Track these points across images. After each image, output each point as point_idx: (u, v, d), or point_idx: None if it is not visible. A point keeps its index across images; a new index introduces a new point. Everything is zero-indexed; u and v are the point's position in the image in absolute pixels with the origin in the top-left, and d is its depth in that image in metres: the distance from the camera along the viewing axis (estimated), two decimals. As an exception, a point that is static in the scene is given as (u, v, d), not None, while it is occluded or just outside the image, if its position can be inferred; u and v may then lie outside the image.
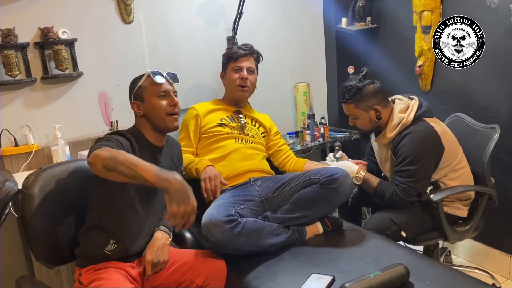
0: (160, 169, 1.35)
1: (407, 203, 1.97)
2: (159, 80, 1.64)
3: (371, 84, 2.04)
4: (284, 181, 1.96)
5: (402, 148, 1.97)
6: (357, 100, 2.04)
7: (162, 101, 1.65)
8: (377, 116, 2.04)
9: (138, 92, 1.68)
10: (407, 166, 1.95)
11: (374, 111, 2.04)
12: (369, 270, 1.41)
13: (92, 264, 1.53)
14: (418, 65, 2.65)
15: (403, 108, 2.04)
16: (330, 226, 1.88)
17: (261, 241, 1.68)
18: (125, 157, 1.35)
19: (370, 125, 2.09)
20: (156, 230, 1.70)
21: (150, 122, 1.67)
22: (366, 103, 2.04)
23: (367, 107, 2.04)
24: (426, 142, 1.96)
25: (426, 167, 1.97)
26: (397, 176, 1.98)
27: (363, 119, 2.07)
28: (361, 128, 2.13)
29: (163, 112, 1.65)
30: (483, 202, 2.08)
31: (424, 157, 1.95)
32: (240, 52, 2.21)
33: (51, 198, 1.66)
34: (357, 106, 2.05)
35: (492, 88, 2.35)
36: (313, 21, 3.09)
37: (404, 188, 1.95)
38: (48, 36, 2.17)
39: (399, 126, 2.00)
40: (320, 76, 3.19)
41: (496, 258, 2.49)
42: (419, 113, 2.01)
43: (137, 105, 1.68)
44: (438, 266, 1.57)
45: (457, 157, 2.04)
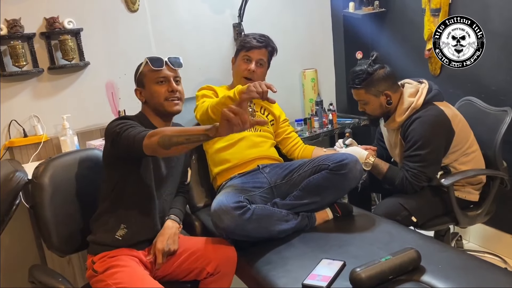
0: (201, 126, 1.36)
1: (417, 189, 1.95)
2: (156, 66, 1.63)
3: (381, 69, 2.01)
4: (293, 167, 1.94)
5: (411, 132, 1.95)
6: (367, 85, 2.01)
7: (160, 87, 1.64)
8: (388, 101, 2.02)
9: (139, 78, 1.69)
10: (417, 150, 1.92)
11: (384, 96, 2.01)
12: (380, 255, 1.40)
13: (105, 251, 1.54)
14: (427, 49, 2.61)
15: (412, 92, 2.01)
16: (339, 212, 1.87)
17: (270, 227, 1.68)
18: (171, 131, 1.36)
19: (380, 110, 2.06)
20: (167, 219, 1.70)
21: (152, 108, 1.68)
22: (377, 88, 2.01)
23: (378, 92, 2.01)
24: (436, 126, 1.93)
25: (436, 151, 1.94)
26: (407, 161, 1.96)
27: (373, 104, 2.05)
28: (370, 113, 2.10)
29: (162, 98, 1.64)
30: (494, 186, 2.06)
31: (434, 142, 1.92)
32: (253, 43, 2.15)
33: (61, 187, 1.67)
34: (367, 92, 2.02)
35: (504, 70, 2.31)
36: (320, 6, 3.05)
37: (414, 173, 1.93)
38: (54, 26, 2.17)
39: (409, 110, 1.97)
40: (328, 62, 3.16)
41: (508, 243, 2.47)
42: (429, 96, 1.98)
43: (140, 92, 1.70)
44: (450, 250, 1.56)
45: (468, 141, 2.02)
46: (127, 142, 1.44)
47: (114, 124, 1.52)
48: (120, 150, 1.49)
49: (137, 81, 1.71)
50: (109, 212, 1.59)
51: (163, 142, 1.34)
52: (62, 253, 1.72)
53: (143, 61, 1.68)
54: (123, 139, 1.45)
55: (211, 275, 1.64)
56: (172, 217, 1.71)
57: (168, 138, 1.34)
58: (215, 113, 1.92)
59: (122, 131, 1.47)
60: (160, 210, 1.67)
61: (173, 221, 1.70)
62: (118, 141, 1.47)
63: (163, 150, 1.36)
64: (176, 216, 1.73)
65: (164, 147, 1.35)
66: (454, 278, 1.33)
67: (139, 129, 1.47)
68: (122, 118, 1.58)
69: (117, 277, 1.45)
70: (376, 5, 2.89)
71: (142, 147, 1.39)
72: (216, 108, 1.91)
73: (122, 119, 1.56)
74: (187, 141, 1.33)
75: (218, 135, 1.28)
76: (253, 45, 2.15)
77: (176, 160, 1.74)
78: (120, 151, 1.50)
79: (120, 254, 1.53)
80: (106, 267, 1.50)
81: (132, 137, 1.43)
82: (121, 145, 1.46)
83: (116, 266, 1.49)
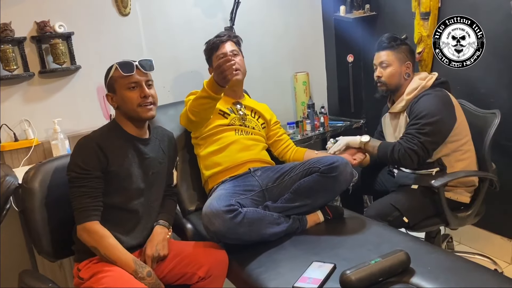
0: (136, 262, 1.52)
1: (410, 155, 1.92)
2: (125, 71, 1.58)
3: (409, 46, 2.16)
4: (284, 170, 1.95)
5: (417, 105, 2.01)
6: (397, 48, 2.10)
7: (132, 93, 1.59)
8: (406, 74, 2.11)
9: (110, 83, 1.63)
10: (418, 119, 1.97)
11: (406, 67, 2.10)
12: (370, 257, 1.40)
13: (89, 257, 1.54)
14: (418, 52, 2.62)
15: (423, 76, 2.11)
16: (330, 215, 1.87)
17: (262, 230, 1.68)
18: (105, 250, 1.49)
19: (397, 80, 2.11)
20: (156, 225, 1.70)
21: (124, 114, 1.63)
22: (404, 54, 2.11)
23: (403, 59, 2.10)
24: (443, 104, 1.99)
25: (436, 124, 1.95)
26: (406, 130, 2.01)
27: (395, 69, 2.10)
28: (386, 80, 2.12)
29: (134, 104, 1.59)
30: (484, 188, 2.07)
31: (437, 115, 1.95)
32: (218, 40, 2.19)
33: (51, 191, 1.67)
34: (396, 54, 2.10)
35: (493, 73, 2.33)
36: (312, 10, 3.07)
37: (408, 137, 1.95)
38: (45, 30, 2.17)
39: (418, 89, 2.05)
40: (319, 65, 3.17)
41: (498, 244, 2.49)
42: (438, 81, 2.07)
43: (111, 97, 1.64)
44: (439, 251, 1.57)
45: (466, 137, 2.05)
46: (72, 203, 1.53)
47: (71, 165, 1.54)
48: None
49: (107, 86, 1.65)
50: None
51: (95, 251, 1.50)
52: (53, 258, 1.71)
53: (113, 66, 1.62)
54: (71, 196, 1.53)
55: (203, 279, 1.63)
56: (160, 222, 1.71)
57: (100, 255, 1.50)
58: (194, 114, 1.93)
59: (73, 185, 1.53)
60: (147, 216, 1.67)
61: (162, 226, 1.69)
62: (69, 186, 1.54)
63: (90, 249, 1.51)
64: (165, 221, 1.72)
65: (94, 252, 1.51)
66: (443, 280, 1.34)
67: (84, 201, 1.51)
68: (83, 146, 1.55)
69: (103, 282, 1.44)
70: (367, 9, 2.91)
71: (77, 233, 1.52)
72: (192, 106, 1.92)
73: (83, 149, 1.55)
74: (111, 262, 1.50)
75: None
76: (219, 42, 2.18)
77: (158, 165, 1.72)
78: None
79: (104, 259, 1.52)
80: (91, 273, 1.49)
81: (75, 209, 1.52)
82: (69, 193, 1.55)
83: (101, 271, 1.47)
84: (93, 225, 1.49)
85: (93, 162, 1.52)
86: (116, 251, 1.49)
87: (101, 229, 1.50)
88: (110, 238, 1.50)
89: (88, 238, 1.48)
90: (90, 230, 1.48)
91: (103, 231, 1.50)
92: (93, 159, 1.52)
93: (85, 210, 1.49)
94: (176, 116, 2.21)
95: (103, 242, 1.48)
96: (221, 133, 2.09)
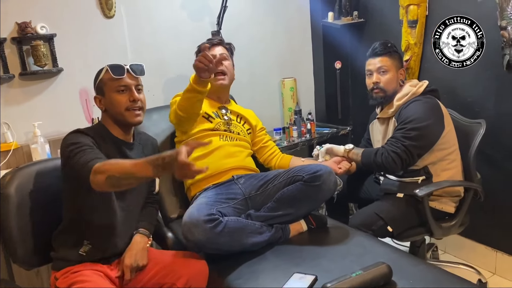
0: (150, 160, 1.28)
1: (394, 158, 1.92)
2: (116, 74, 1.58)
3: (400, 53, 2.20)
4: (268, 178, 1.93)
5: (406, 111, 2.02)
6: (393, 54, 2.12)
7: (121, 96, 1.58)
8: (401, 80, 2.13)
9: (99, 86, 1.62)
10: (405, 124, 1.97)
11: (400, 73, 2.13)
12: (352, 269, 1.38)
13: (67, 267, 1.50)
14: (405, 60, 2.62)
15: (413, 84, 2.12)
16: (314, 224, 1.85)
17: (243, 240, 1.65)
18: (121, 169, 1.32)
19: (394, 86, 2.12)
20: (135, 234, 1.66)
21: (111, 117, 1.62)
22: (398, 61, 2.14)
23: (400, 64, 2.14)
24: (431, 111, 2.00)
25: (423, 129, 1.95)
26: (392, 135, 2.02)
27: (392, 75, 2.11)
28: (385, 85, 2.10)
29: (122, 108, 1.59)
30: (468, 198, 2.07)
31: (425, 121, 1.95)
32: (209, 43, 2.16)
33: (28, 198, 1.63)
34: (392, 60, 2.11)
35: (479, 83, 2.33)
36: (300, 16, 3.05)
37: (393, 141, 1.96)
38: (26, 31, 2.12)
39: (409, 95, 2.06)
40: (307, 71, 3.16)
41: (482, 253, 2.49)
42: (428, 89, 2.08)
43: (99, 100, 1.63)
44: (422, 264, 1.55)
45: (453, 146, 2.06)
46: (75, 172, 1.42)
47: (65, 145, 1.48)
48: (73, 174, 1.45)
49: (96, 88, 1.64)
50: (70, 229, 1.54)
51: (111, 182, 1.34)
52: (28, 266, 1.67)
53: (104, 68, 1.62)
54: (72, 167, 1.43)
55: (182, 291, 1.60)
56: (140, 231, 1.68)
57: (117, 179, 1.33)
58: (182, 109, 1.92)
59: (71, 155, 1.43)
60: (127, 223, 1.63)
61: (141, 235, 1.66)
62: (69, 166, 1.45)
63: (112, 189, 1.38)
64: (145, 230, 1.69)
65: (113, 186, 1.36)
66: (425, 293, 1.33)
67: (88, 156, 1.42)
68: (76, 132, 1.52)
69: None
70: (355, 16, 2.90)
71: (89, 183, 1.37)
72: (181, 104, 1.92)
73: (77, 133, 1.51)
74: (138, 182, 1.35)
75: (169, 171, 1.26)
76: (210, 45, 2.14)
77: None
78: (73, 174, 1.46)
79: (83, 269, 1.49)
80: (69, 283, 1.45)
81: (80, 167, 1.40)
82: (72, 171, 1.44)
83: (79, 281, 1.44)
84: (98, 165, 1.38)
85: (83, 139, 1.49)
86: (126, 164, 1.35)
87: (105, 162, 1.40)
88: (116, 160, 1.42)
89: (101, 175, 1.34)
90: (97, 169, 1.35)
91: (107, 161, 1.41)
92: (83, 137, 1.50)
93: (89, 162, 1.39)
94: (160, 121, 2.18)
95: (114, 165, 1.36)
96: (206, 138, 2.07)
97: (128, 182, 1.32)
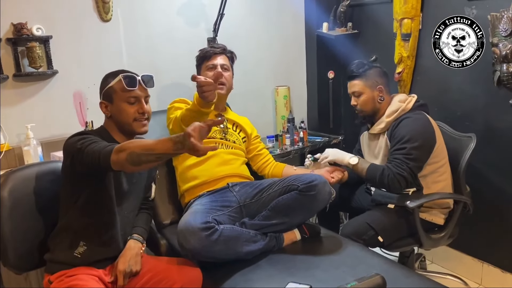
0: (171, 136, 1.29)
1: (399, 180, 1.93)
2: (130, 86, 1.56)
3: (379, 67, 2.16)
4: (263, 187, 1.94)
5: (400, 129, 2.01)
6: (365, 75, 2.11)
7: (130, 107, 1.58)
8: (380, 98, 2.11)
9: (108, 92, 1.60)
10: (403, 144, 1.97)
11: (378, 91, 2.11)
12: (346, 279, 1.40)
13: (62, 270, 1.48)
14: (397, 72, 2.66)
15: (402, 99, 2.12)
16: (307, 233, 1.87)
17: (238, 248, 1.66)
18: (142, 146, 1.31)
19: (372, 106, 2.12)
20: (129, 239, 1.66)
21: (117, 124, 1.62)
22: (374, 80, 2.11)
23: (374, 84, 2.11)
24: (424, 127, 2.02)
25: (421, 149, 1.97)
26: (391, 155, 2.01)
27: (367, 96, 2.11)
28: (361, 107, 2.14)
29: (130, 119, 1.59)
30: (458, 210, 2.10)
31: (420, 138, 1.97)
32: (212, 50, 2.18)
33: (21, 201, 1.61)
34: (365, 82, 2.11)
35: (469, 97, 2.38)
36: (295, 25, 3.08)
37: (397, 163, 1.95)
38: (22, 32, 2.10)
39: (398, 111, 2.06)
40: (301, 80, 3.19)
41: (469, 265, 2.53)
42: (417, 104, 2.09)
43: (105, 105, 1.62)
44: (415, 275, 1.57)
45: (443, 159, 2.08)
46: (91, 159, 1.39)
47: (74, 140, 1.46)
48: (82, 167, 1.43)
49: (104, 94, 1.62)
50: (67, 229, 1.53)
51: (131, 159, 1.31)
52: (19, 270, 1.66)
53: (116, 77, 1.59)
54: (86, 155, 1.40)
55: (175, 298, 1.59)
56: (134, 236, 1.67)
57: (137, 156, 1.30)
58: (185, 122, 1.90)
59: (84, 146, 1.41)
60: (121, 227, 1.63)
61: (135, 241, 1.66)
62: (79, 158, 1.42)
63: (132, 167, 1.33)
64: (139, 236, 1.68)
65: (133, 164, 1.32)
66: (418, 305, 1.35)
67: (102, 143, 1.42)
68: (81, 133, 1.52)
69: None
70: (350, 27, 2.94)
71: (109, 162, 1.35)
72: (187, 121, 1.89)
73: (82, 134, 1.51)
74: (157, 159, 1.32)
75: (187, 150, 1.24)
76: (212, 53, 2.17)
77: (138, 176, 1.69)
78: (81, 168, 1.44)
79: (79, 273, 1.48)
80: (64, 286, 1.44)
81: (97, 153, 1.38)
82: (83, 162, 1.41)
83: (74, 285, 1.43)
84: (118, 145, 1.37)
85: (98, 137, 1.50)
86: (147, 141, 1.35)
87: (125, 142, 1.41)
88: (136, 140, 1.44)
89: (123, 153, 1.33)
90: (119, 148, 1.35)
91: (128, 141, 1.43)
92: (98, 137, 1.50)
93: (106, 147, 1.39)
94: (155, 126, 2.17)
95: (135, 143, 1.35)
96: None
97: (148, 159, 1.29)
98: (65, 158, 1.51)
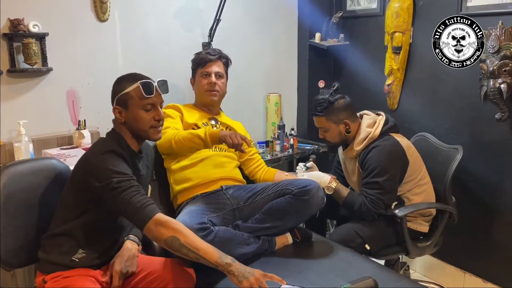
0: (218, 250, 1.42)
1: (375, 215, 2.01)
2: (148, 93, 1.52)
3: (342, 99, 2.12)
4: (256, 190, 1.96)
5: (369, 160, 2.03)
6: (328, 113, 2.10)
7: (147, 115, 1.55)
8: (346, 130, 2.12)
9: (123, 98, 1.54)
10: (375, 178, 2.00)
11: (343, 124, 2.11)
12: (339, 283, 1.43)
13: (58, 271, 1.47)
14: (387, 84, 2.73)
15: (370, 123, 2.12)
16: (299, 237, 1.89)
17: (232, 250, 1.66)
18: (186, 238, 1.40)
19: (339, 138, 2.15)
20: (126, 239, 1.65)
21: (131, 130, 1.57)
22: (337, 116, 2.10)
23: (338, 120, 2.11)
24: (393, 155, 2.04)
25: (392, 179, 2.03)
26: (365, 188, 2.04)
27: (333, 132, 2.13)
28: (330, 140, 2.18)
29: (147, 126, 1.55)
30: (443, 219, 2.16)
31: (391, 169, 2.01)
32: (207, 57, 2.20)
33: (13, 197, 1.59)
34: (328, 119, 2.11)
35: (455, 110, 2.45)
36: (288, 34, 3.13)
37: (372, 199, 2.00)
38: (18, 28, 2.09)
39: (367, 140, 2.07)
40: (292, 88, 3.23)
41: (452, 274, 2.59)
42: (385, 128, 2.10)
43: (119, 111, 1.55)
44: (405, 280, 1.61)
45: (421, 173, 2.13)
46: (124, 209, 1.41)
47: (106, 170, 1.42)
48: (108, 206, 1.44)
49: (118, 100, 1.55)
50: (68, 235, 1.51)
51: (171, 244, 1.40)
52: (9, 267, 1.62)
53: (132, 83, 1.54)
54: (120, 203, 1.40)
55: (168, 298, 1.60)
56: (131, 237, 1.66)
57: (179, 246, 1.39)
58: (179, 145, 1.91)
59: (120, 190, 1.40)
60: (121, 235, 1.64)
61: (132, 242, 1.65)
62: (110, 197, 1.42)
63: (165, 247, 1.42)
64: (136, 236, 1.68)
65: (169, 247, 1.41)
66: (409, 308, 1.39)
67: (141, 197, 1.42)
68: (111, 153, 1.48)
69: None
70: (341, 38, 3.00)
71: (143, 227, 1.40)
72: (181, 142, 1.90)
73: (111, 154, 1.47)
74: (194, 259, 1.43)
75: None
76: (208, 59, 2.20)
77: (143, 181, 1.69)
78: (107, 207, 1.44)
79: (75, 275, 1.47)
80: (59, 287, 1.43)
81: (135, 209, 1.40)
82: (113, 206, 1.43)
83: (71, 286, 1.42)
84: (163, 217, 1.41)
85: (125, 167, 1.49)
86: (196, 238, 1.43)
87: (171, 218, 1.44)
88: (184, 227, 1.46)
89: (165, 230, 1.39)
90: (163, 222, 1.40)
91: (174, 220, 1.45)
92: (124, 165, 1.49)
93: (147, 205, 1.41)
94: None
95: (183, 230, 1.41)
96: None
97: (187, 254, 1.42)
98: (86, 177, 1.46)
